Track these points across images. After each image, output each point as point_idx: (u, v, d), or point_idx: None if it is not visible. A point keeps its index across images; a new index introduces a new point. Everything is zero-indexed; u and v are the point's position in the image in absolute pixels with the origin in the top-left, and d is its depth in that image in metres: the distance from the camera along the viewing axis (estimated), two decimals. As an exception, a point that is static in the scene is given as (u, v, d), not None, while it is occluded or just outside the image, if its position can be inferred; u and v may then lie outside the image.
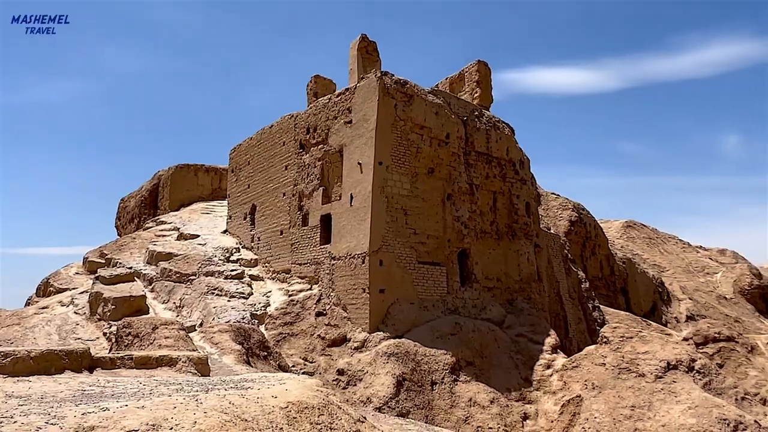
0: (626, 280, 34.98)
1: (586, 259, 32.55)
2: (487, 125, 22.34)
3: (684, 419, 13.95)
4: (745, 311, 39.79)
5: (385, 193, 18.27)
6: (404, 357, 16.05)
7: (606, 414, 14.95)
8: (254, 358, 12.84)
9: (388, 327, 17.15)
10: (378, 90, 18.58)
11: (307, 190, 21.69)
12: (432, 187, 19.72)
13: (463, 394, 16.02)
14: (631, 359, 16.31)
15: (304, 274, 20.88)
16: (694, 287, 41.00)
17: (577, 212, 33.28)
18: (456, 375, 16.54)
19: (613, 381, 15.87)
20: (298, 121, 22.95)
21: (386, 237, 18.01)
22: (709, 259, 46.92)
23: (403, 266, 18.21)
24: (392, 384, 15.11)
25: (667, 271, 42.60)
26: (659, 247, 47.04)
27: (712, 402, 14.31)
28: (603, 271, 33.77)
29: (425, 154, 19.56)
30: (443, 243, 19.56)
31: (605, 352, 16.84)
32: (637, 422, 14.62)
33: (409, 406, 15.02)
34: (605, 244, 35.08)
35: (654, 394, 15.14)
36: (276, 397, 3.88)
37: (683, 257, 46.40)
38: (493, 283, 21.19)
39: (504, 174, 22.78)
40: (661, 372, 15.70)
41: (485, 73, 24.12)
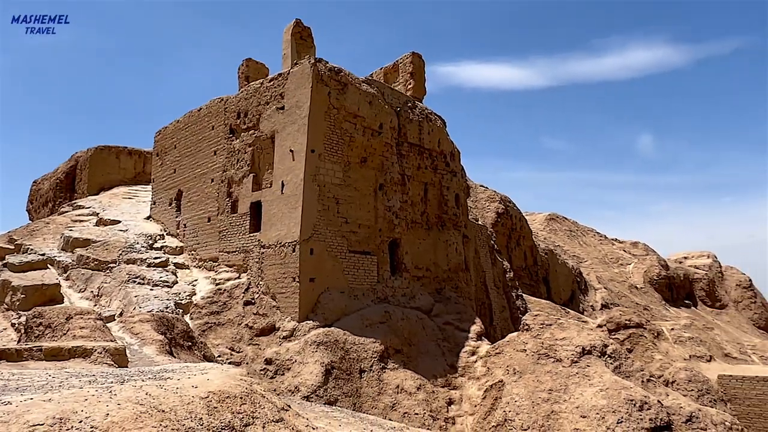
0: (548, 270, 36.66)
1: (512, 249, 33.80)
2: (420, 117, 22.62)
3: (596, 401, 14.85)
4: (653, 300, 42.76)
5: (317, 181, 18.13)
6: (333, 345, 16.08)
7: (525, 398, 15.65)
8: (178, 348, 12.43)
9: (318, 316, 17.10)
10: (312, 77, 18.34)
11: (236, 176, 21.15)
12: (364, 177, 19.76)
13: (390, 382, 16.27)
14: (550, 345, 17.14)
15: (232, 263, 20.41)
16: (609, 277, 43.57)
17: (504, 205, 34.44)
18: (384, 363, 16.77)
19: (533, 366, 16.62)
20: (228, 105, 22.28)
21: (317, 226, 17.90)
22: (623, 251, 49.98)
23: (334, 255, 18.19)
24: (321, 372, 15.11)
25: (585, 261, 44.99)
26: (579, 239, 49.57)
27: (621, 384, 15.32)
28: (527, 261, 35.19)
29: (358, 144, 19.56)
30: (374, 232, 19.69)
31: (526, 339, 17.60)
32: (554, 405, 15.42)
33: (337, 394, 15.09)
34: (529, 235, 36.54)
35: (570, 378, 16.01)
36: (196, 387, 3.78)
37: (600, 249, 49.16)
38: (422, 272, 21.59)
39: (435, 165, 23.18)
40: (576, 357, 16.61)
41: (419, 65, 24.37)
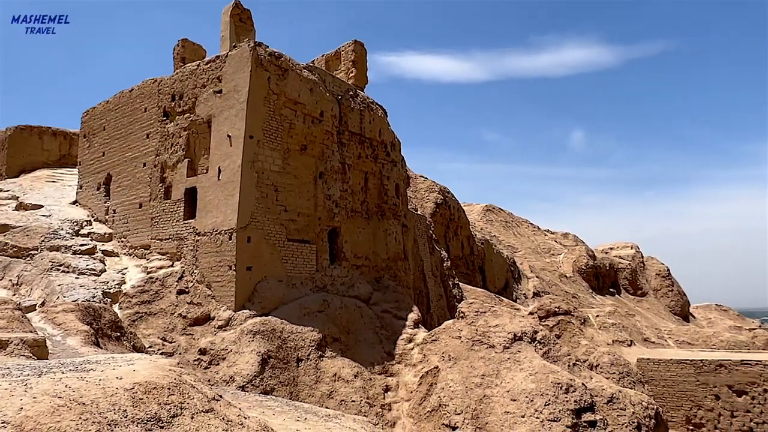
0: (484, 260, 37.70)
1: (449, 239, 34.49)
2: (362, 106, 22.58)
3: (525, 384, 15.48)
4: (581, 288, 44.88)
5: (256, 168, 17.78)
6: (270, 335, 15.91)
7: (459, 383, 16.10)
8: (105, 339, 11.93)
9: (255, 305, 16.85)
10: (251, 61, 17.90)
11: (170, 161, 20.40)
12: (304, 165, 19.56)
13: (328, 370, 16.30)
14: (484, 332, 17.68)
15: (165, 251, 19.73)
16: (541, 267, 45.33)
17: (443, 195, 35.04)
18: (322, 351, 16.77)
19: (467, 352, 17.10)
20: (163, 86, 21.40)
21: (255, 213, 17.58)
22: (555, 242, 52.10)
23: (272, 243, 17.94)
24: (257, 362, 14.93)
25: (519, 252, 46.57)
26: (514, 230, 51.22)
27: (549, 369, 16.03)
28: (464, 251, 36.03)
29: (298, 131, 19.31)
30: (314, 221, 19.56)
31: (461, 326, 18.06)
32: (486, 389, 15.95)
33: (273, 384, 14.97)
34: (467, 226, 37.39)
35: (502, 363, 16.60)
36: (121, 378, 3.65)
37: (533, 239, 51.01)
38: (361, 261, 21.67)
39: (376, 155, 23.24)
40: (508, 343, 17.22)
41: (361, 54, 24.27)
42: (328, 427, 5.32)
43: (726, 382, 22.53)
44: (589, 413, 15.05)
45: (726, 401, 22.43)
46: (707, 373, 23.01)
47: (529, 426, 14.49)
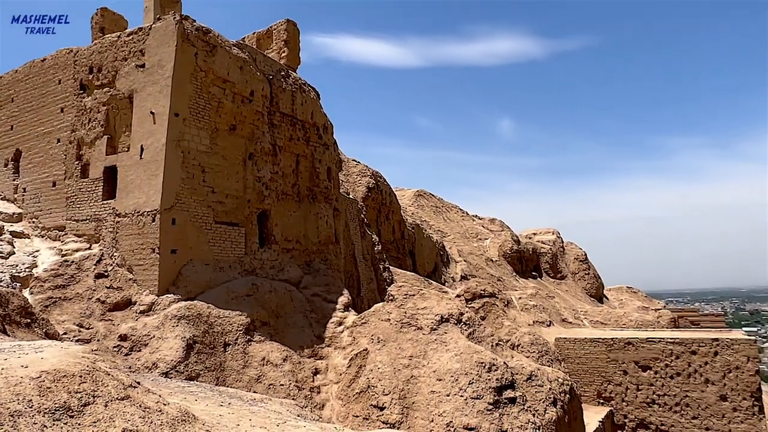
0: (414, 244, 38.34)
1: (381, 223, 34.79)
2: (294, 87, 22.18)
3: (451, 364, 16.00)
4: (506, 272, 46.67)
5: (181, 147, 17.11)
6: (196, 319, 15.51)
7: (388, 364, 16.41)
8: (13, 326, 11.18)
9: (180, 289, 16.34)
10: (176, 35, 17.11)
11: (88, 137, 19.24)
12: (233, 145, 19.03)
13: (256, 354, 16.12)
14: (412, 315, 18.07)
15: (82, 232, 18.67)
16: (468, 251, 46.68)
17: (375, 179, 35.21)
18: (250, 335, 16.54)
19: (395, 334, 17.42)
20: (79, 57, 20.05)
21: (181, 194, 16.96)
22: (482, 227, 53.75)
23: (199, 226, 17.40)
24: (181, 348, 14.52)
25: (448, 236, 47.70)
26: (444, 215, 52.34)
27: (474, 349, 16.65)
28: (395, 235, 36.47)
29: (227, 110, 18.73)
30: (243, 203, 19.14)
31: (390, 309, 18.36)
32: (414, 370, 16.35)
33: (199, 369, 14.63)
34: (398, 210, 37.83)
35: (429, 345, 17.05)
36: (26, 366, 3.44)
37: (462, 224, 52.38)
38: (292, 244, 21.47)
39: (308, 137, 22.96)
40: (435, 325, 17.70)
41: (294, 33, 23.78)
42: (252, 411, 5.28)
43: (633, 359, 24.28)
44: (510, 390, 15.80)
45: (632, 376, 24.18)
46: (617, 350, 24.69)
47: (454, 404, 15.02)
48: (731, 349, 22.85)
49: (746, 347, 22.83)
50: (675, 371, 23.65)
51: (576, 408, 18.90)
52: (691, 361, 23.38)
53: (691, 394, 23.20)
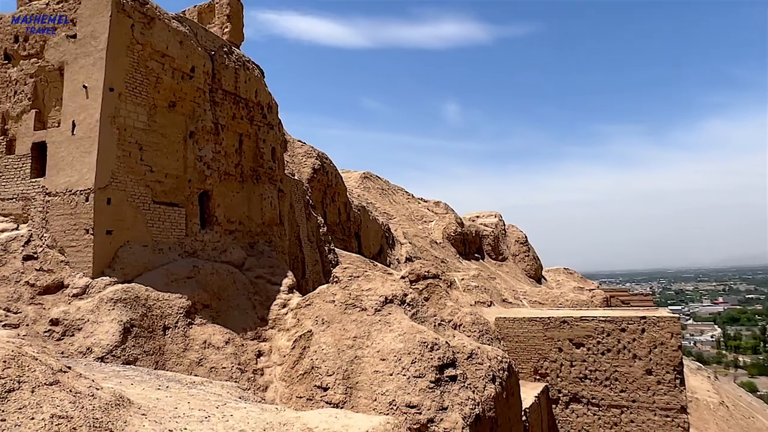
0: (360, 226, 38.44)
1: (326, 205, 34.64)
2: (237, 64, 21.58)
3: (394, 344, 16.27)
4: (449, 254, 47.61)
5: (117, 123, 16.38)
6: (134, 302, 15.04)
7: (332, 345, 16.50)
8: (-69, 311, 10.49)
9: (116, 271, 15.76)
10: (111, 4, 16.24)
11: (14, 111, 18.08)
12: (173, 123, 18.38)
13: (197, 337, 15.84)
14: (357, 296, 18.19)
15: (8, 212, 17.63)
16: (413, 233, 47.26)
17: (321, 161, 34.94)
18: (191, 318, 16.22)
19: (340, 316, 17.52)
20: (3, 25, 18.71)
21: (116, 173, 16.27)
22: (427, 210, 54.47)
23: (136, 206, 16.78)
24: (118, 331, 14.07)
25: (394, 218, 48.09)
26: (389, 198, 52.66)
27: (417, 329, 16.98)
28: (341, 217, 36.42)
29: (166, 86, 18.03)
30: (183, 183, 18.58)
31: (335, 291, 18.41)
32: (358, 350, 16.53)
33: (137, 353, 14.24)
34: (344, 192, 37.75)
35: (373, 325, 17.25)
36: (-56, 352, 3.25)
37: (407, 207, 52.89)
38: (235, 226, 21.08)
39: (251, 116, 22.47)
40: (380, 306, 17.91)
41: (237, 8, 23.06)
42: (191, 394, 5.21)
43: (568, 336, 25.45)
44: (451, 368, 16.25)
45: (567, 352, 25.37)
46: (553, 328, 25.80)
47: (397, 383, 15.32)
48: (657, 326, 24.30)
49: (670, 324, 24.33)
50: (606, 348, 24.95)
51: (514, 384, 19.66)
52: (621, 338, 24.72)
53: (620, 368, 24.57)
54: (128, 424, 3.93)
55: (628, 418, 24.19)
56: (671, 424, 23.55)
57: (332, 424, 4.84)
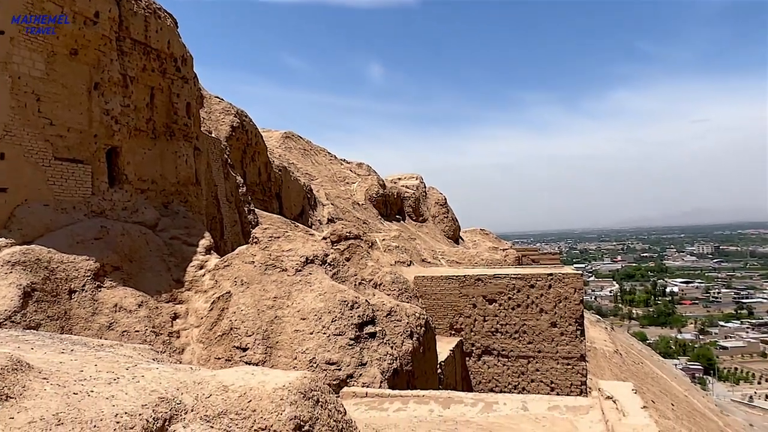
0: (281, 187, 37.82)
1: (246, 165, 33.71)
2: (147, 11, 20.12)
3: (315, 304, 16.41)
4: (371, 215, 48.08)
5: (9, 71, 14.90)
6: (34, 265, 14.09)
7: (251, 306, 16.39)
8: None
9: (13, 232, 14.64)
10: (-3, -65, 14.51)
11: None
12: (75, 73, 16.98)
13: (107, 301, 15.17)
14: (277, 256, 18.06)
15: None
16: (336, 194, 47.18)
17: (240, 119, 33.76)
18: (100, 281, 15.46)
19: (260, 276, 17.36)
20: None
21: (10, 126, 14.91)
22: (350, 171, 54.40)
23: (35, 162, 15.53)
24: (17, 296, 13.18)
25: (316, 179, 47.68)
26: (312, 158, 52.01)
27: (337, 288, 17.18)
28: (261, 177, 35.62)
29: (67, 32, 16.54)
30: (88, 138, 17.36)
31: (255, 251, 18.17)
32: (278, 311, 16.53)
33: (39, 319, 13.46)
34: (265, 152, 36.83)
35: (293, 286, 17.26)
36: None
37: (330, 168, 52.55)
38: (147, 184, 20.09)
39: (164, 69, 21.18)
40: (300, 266, 17.91)
41: (146, -50, 21.32)
42: (98, 357, 5.03)
43: (481, 293, 26.74)
44: (371, 326, 16.68)
45: (480, 308, 26.70)
46: (468, 286, 26.99)
47: (317, 341, 15.53)
48: (562, 282, 26.03)
49: (574, 281, 26.15)
50: (516, 303, 26.47)
51: (430, 339, 20.51)
52: (530, 293, 26.30)
53: (528, 322, 26.21)
54: (27, 389, 3.75)
55: (534, 367, 26.04)
56: (572, 371, 25.62)
57: (248, 381, 4.87)
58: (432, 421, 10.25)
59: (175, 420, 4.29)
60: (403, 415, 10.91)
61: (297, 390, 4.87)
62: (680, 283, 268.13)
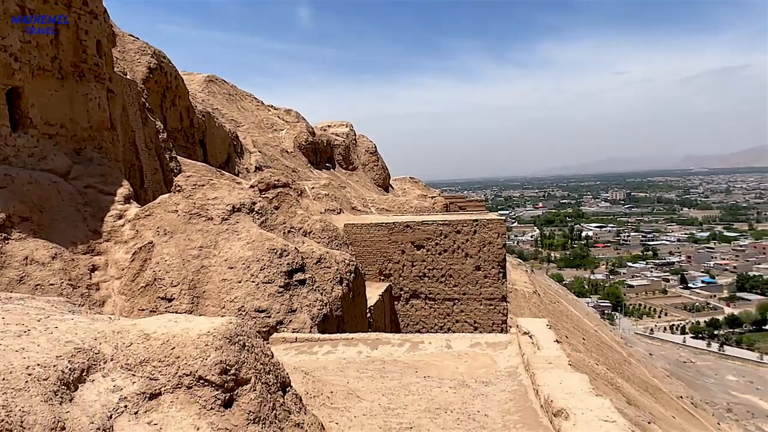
0: (205, 133, 36.30)
1: (166, 109, 31.96)
2: (44, -66, 18.09)
3: (242, 252, 16.21)
4: (300, 163, 47.35)
5: None
6: (-72, 217, 12.94)
7: (176, 256, 15.95)
8: None
9: None
10: None
11: None
12: (-38, 2, 15.18)
13: (16, 253, 14.25)
14: (202, 205, 17.53)
15: None
16: (263, 142, 45.91)
17: (158, 60, 31.70)
18: (7, 233, 14.46)
19: (184, 226, 16.84)
20: None
21: None
22: (278, 118, 52.89)
23: None
24: None
25: (242, 126, 46.05)
26: (237, 104, 49.99)
27: (266, 236, 17.00)
28: (183, 123, 33.96)
29: (-52, -46, 14.64)
30: (-17, 77, 15.75)
31: (178, 200, 17.53)
32: (204, 260, 16.19)
33: (-61, 274, 12.50)
34: (186, 96, 34.99)
35: (220, 234, 16.90)
36: None
37: (257, 114, 50.82)
38: (56, 129, 18.64)
39: (69, 2, 19.32)
40: (227, 215, 17.51)
41: None
42: (6, 309, 4.77)
43: (410, 239, 27.36)
44: (300, 273, 16.73)
45: (409, 254, 27.39)
46: (397, 232, 27.49)
47: (246, 290, 15.44)
48: (486, 228, 27.04)
49: (497, 226, 27.22)
50: (443, 248, 27.32)
51: (360, 285, 20.90)
52: (456, 239, 27.18)
53: (454, 266, 27.21)
54: (-75, 343, 3.51)
55: (459, 308, 27.28)
56: (494, 311, 27.06)
57: (171, 328, 4.80)
58: (360, 362, 10.60)
59: (94, 370, 4.18)
60: (332, 357, 11.19)
61: (222, 335, 4.86)
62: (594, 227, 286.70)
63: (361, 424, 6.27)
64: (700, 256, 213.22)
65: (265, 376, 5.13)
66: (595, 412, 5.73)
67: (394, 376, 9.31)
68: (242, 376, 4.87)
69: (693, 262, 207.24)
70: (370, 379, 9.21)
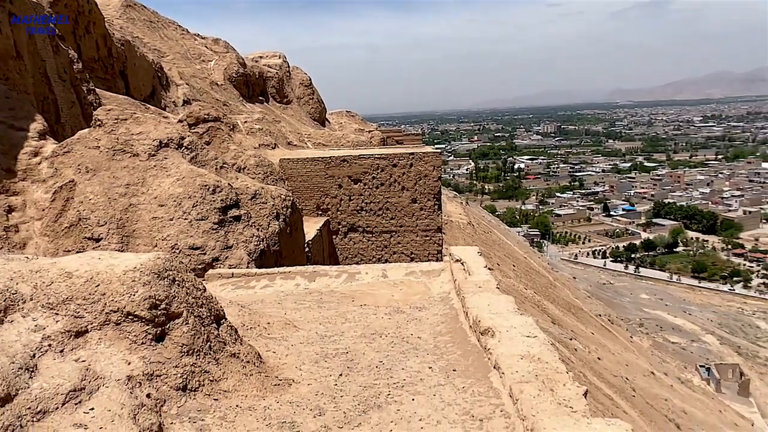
0: (125, 64, 33.85)
1: (80, 38, 29.39)
2: None
3: (173, 189, 15.67)
4: (232, 96, 45.41)
5: None
6: None
7: (101, 194, 15.23)
8: None
9: None
10: None
11: None
12: None
13: None
14: (126, 140, 16.63)
15: None
16: (191, 74, 43.47)
17: (66, -20, 28.78)
18: None
19: (107, 163, 16.00)
20: None
21: None
22: (205, 48, 49.95)
23: None
24: None
25: (167, 56, 43.24)
26: (160, 32, 46.66)
27: (197, 173, 16.46)
28: (100, 52, 31.44)
29: None
30: None
31: (99, 135, 16.54)
32: (132, 198, 15.55)
33: None
34: (102, 22, 32.20)
35: (147, 171, 16.19)
36: None
37: (182, 44, 47.74)
38: (-49, 58, 16.86)
39: None
40: (154, 150, 16.72)
41: None
42: None
43: (347, 174, 27.30)
44: (235, 209, 16.43)
45: (346, 189, 27.40)
46: (334, 167, 27.31)
47: (178, 227, 15.05)
48: (422, 161, 27.32)
49: (433, 159, 27.54)
50: (380, 182, 27.50)
51: (297, 220, 20.83)
52: (393, 173, 27.37)
53: (390, 199, 27.55)
54: None
55: (396, 240, 27.88)
56: (429, 242, 27.85)
57: (95, 266, 4.66)
58: (298, 294, 10.75)
59: (12, 310, 4.03)
60: (269, 290, 11.27)
61: (150, 270, 4.76)
62: (526, 160, 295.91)
63: (299, 352, 6.44)
64: (622, 185, 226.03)
65: (197, 309, 5.12)
66: (518, 329, 6.13)
67: (332, 306, 9.53)
68: (173, 310, 4.84)
69: (615, 192, 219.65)
70: (307, 310, 9.39)
